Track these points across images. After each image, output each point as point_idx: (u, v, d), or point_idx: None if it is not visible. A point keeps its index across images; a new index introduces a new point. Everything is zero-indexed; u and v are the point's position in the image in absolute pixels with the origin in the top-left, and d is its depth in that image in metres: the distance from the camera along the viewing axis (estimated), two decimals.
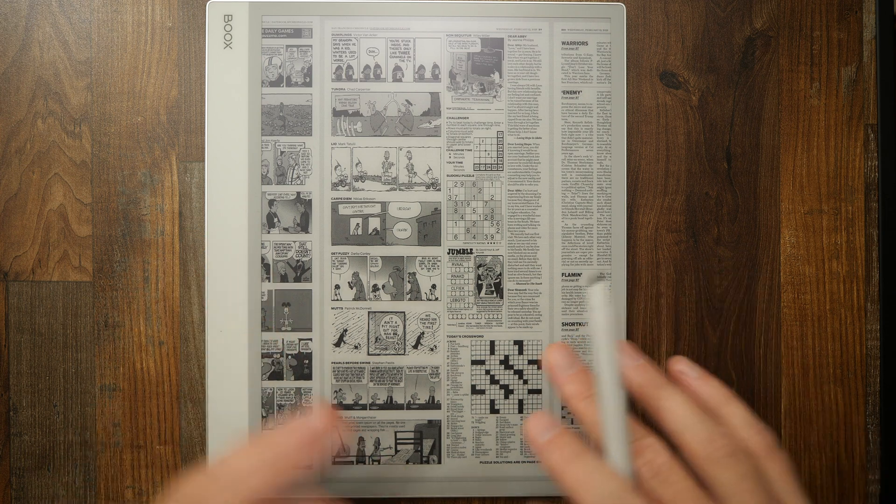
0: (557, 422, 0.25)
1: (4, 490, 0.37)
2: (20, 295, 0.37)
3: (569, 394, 0.26)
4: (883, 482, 0.38)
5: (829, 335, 0.38)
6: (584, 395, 0.26)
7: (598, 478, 0.23)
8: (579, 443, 0.24)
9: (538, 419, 0.25)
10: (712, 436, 0.24)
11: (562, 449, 0.24)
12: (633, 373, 0.26)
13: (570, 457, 0.24)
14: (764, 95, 0.38)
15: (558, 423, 0.25)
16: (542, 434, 0.25)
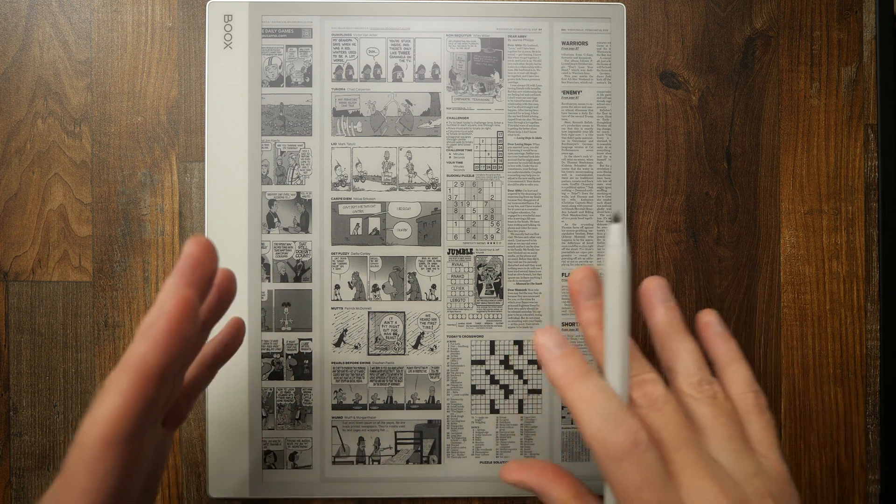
0: (566, 340, 0.26)
1: (4, 490, 0.37)
2: (20, 295, 0.37)
3: (585, 320, 0.28)
4: (883, 482, 0.38)
5: (829, 335, 0.38)
6: (598, 324, 0.27)
7: (600, 397, 0.25)
8: (586, 363, 0.26)
9: (549, 333, 0.26)
10: (702, 382, 0.27)
11: (569, 365, 0.26)
12: (660, 310, 0.28)
13: (577, 374, 0.25)
14: (764, 95, 0.38)
15: (567, 342, 0.26)
16: (552, 348, 0.26)
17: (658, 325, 0.28)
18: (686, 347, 0.28)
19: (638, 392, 0.26)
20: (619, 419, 0.24)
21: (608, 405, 0.24)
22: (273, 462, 0.36)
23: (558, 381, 0.26)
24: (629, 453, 0.24)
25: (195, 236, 0.25)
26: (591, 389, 0.25)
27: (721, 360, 0.29)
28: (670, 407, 0.26)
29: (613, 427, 0.24)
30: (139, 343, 0.23)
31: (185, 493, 0.37)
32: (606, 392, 0.25)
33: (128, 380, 0.22)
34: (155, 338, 0.22)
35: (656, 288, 0.29)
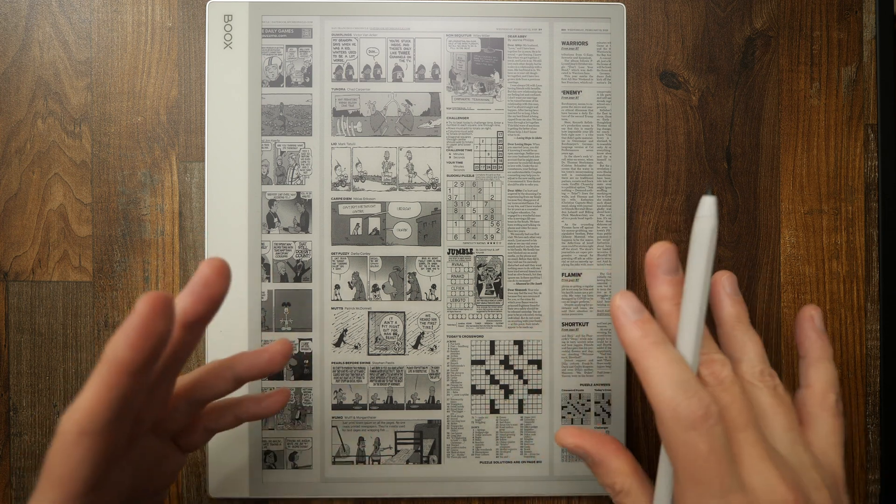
0: (642, 306, 0.27)
1: (4, 490, 0.37)
2: (20, 295, 0.37)
3: (660, 294, 0.28)
4: (883, 482, 0.38)
5: (830, 335, 0.38)
6: (673, 300, 0.28)
7: (675, 365, 0.25)
8: (661, 331, 0.26)
9: (627, 297, 0.27)
10: (763, 373, 0.27)
11: (647, 331, 0.26)
12: (727, 302, 0.29)
13: (653, 341, 0.26)
14: (764, 95, 0.38)
15: (644, 308, 0.27)
16: (630, 313, 0.27)
17: (726, 315, 0.29)
18: (752, 339, 0.28)
19: (706, 370, 0.26)
20: (692, 389, 0.24)
21: (682, 374, 0.25)
22: (273, 462, 0.36)
23: (634, 344, 0.26)
24: (700, 423, 0.24)
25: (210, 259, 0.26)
26: (665, 357, 0.25)
27: (812, 356, 0.29)
28: (737, 388, 0.26)
29: (687, 396, 0.24)
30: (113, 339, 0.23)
31: (185, 493, 0.37)
32: (681, 362, 0.25)
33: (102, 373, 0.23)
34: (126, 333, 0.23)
35: (726, 281, 0.29)
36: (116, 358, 0.23)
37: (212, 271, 0.26)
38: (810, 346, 0.30)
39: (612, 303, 0.27)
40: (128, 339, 0.23)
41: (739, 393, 0.26)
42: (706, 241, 0.26)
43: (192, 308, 0.26)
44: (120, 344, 0.23)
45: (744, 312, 0.29)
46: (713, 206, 0.26)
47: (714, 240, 0.26)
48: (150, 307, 0.23)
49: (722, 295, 0.29)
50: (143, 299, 0.23)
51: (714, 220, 0.26)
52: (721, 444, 0.24)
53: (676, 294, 0.28)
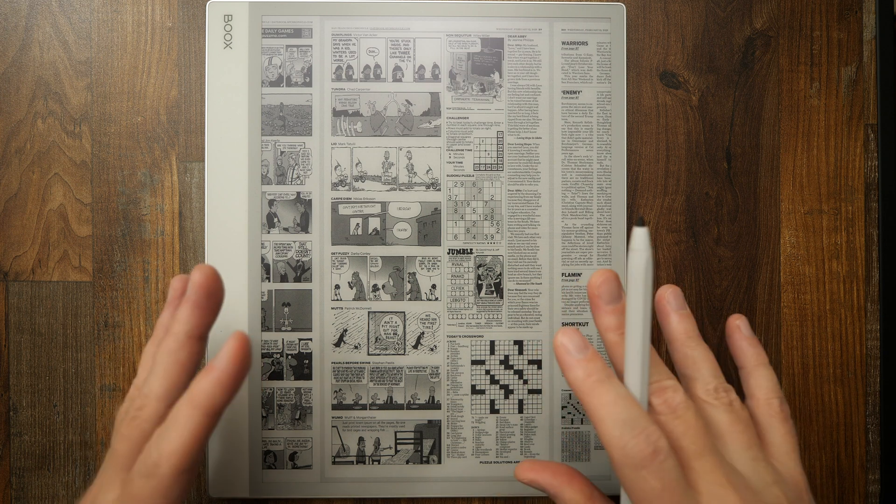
0: (587, 342, 0.26)
1: (4, 490, 0.37)
2: (20, 295, 0.37)
3: (604, 325, 0.28)
4: (883, 482, 0.38)
5: (829, 335, 0.38)
6: (618, 330, 0.27)
7: (621, 403, 0.24)
8: (607, 367, 0.26)
9: (570, 335, 0.26)
10: (718, 389, 0.27)
11: (590, 370, 0.25)
12: (674, 318, 0.29)
13: (598, 379, 0.25)
14: (764, 95, 0.38)
15: (588, 344, 0.26)
16: (574, 351, 0.26)
17: (673, 332, 0.28)
18: (701, 355, 0.28)
19: (658, 399, 0.26)
20: (639, 426, 0.24)
21: (629, 412, 0.24)
22: (273, 462, 0.36)
23: (579, 385, 0.25)
24: (649, 461, 0.23)
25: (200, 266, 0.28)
26: (611, 395, 0.25)
27: (748, 365, 0.29)
28: (690, 414, 0.25)
29: (634, 434, 0.24)
30: (205, 382, 0.25)
31: None
32: (627, 398, 0.25)
33: (197, 416, 0.25)
34: (220, 378, 0.25)
35: (671, 296, 0.29)
36: (212, 403, 0.25)
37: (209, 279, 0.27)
38: (744, 356, 0.29)
39: (555, 341, 0.26)
40: (222, 384, 0.25)
41: (693, 418, 0.25)
42: (642, 274, 0.25)
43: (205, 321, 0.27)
44: (215, 389, 0.25)
45: (692, 327, 0.29)
46: (645, 237, 0.25)
47: (650, 270, 0.25)
48: (243, 351, 0.25)
49: (668, 311, 0.29)
50: (236, 344, 0.25)
51: (648, 251, 0.25)
52: (674, 477, 0.24)
53: (621, 324, 0.27)
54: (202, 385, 0.25)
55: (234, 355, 0.26)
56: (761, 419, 0.28)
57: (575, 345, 0.26)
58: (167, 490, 0.25)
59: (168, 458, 0.25)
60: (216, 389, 0.25)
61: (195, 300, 0.27)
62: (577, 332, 0.26)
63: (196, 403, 0.25)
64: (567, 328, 0.26)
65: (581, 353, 0.26)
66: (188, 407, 0.25)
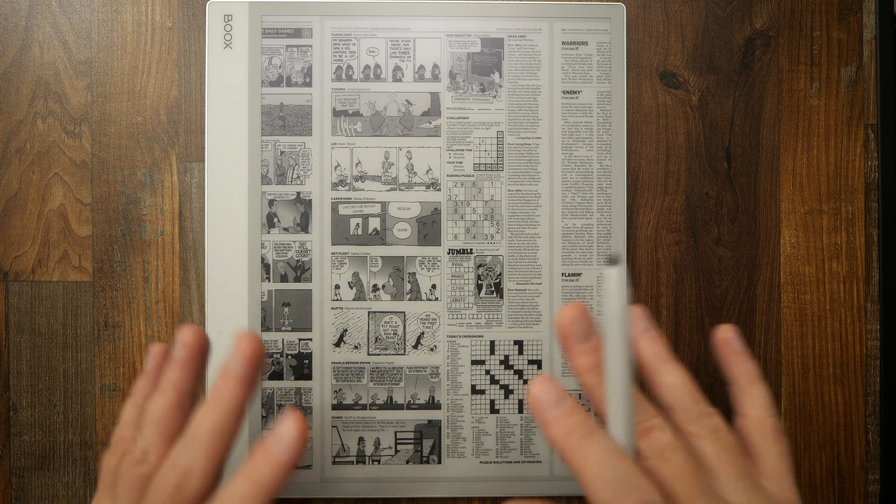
0: (564, 392, 0.24)
1: (4, 490, 0.37)
2: (20, 295, 0.37)
3: (579, 367, 0.26)
4: (883, 482, 0.38)
5: (829, 335, 0.38)
6: (594, 370, 0.26)
7: (608, 460, 0.23)
8: (589, 420, 0.24)
9: (545, 387, 0.25)
10: (701, 416, 0.26)
11: (572, 426, 0.24)
12: (643, 342, 0.27)
13: (581, 435, 0.24)
14: (764, 95, 0.38)
15: (566, 394, 0.24)
16: (551, 408, 0.24)
17: (643, 357, 0.27)
18: (677, 380, 0.26)
19: (644, 442, 0.25)
20: (630, 485, 0.23)
21: (618, 469, 0.23)
22: None
23: (561, 444, 0.24)
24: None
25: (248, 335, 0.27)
26: (598, 453, 0.23)
27: (740, 381, 0.28)
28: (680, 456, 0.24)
29: (625, 494, 0.23)
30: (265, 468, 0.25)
31: None
32: (614, 454, 0.23)
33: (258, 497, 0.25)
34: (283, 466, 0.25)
35: (635, 319, 0.27)
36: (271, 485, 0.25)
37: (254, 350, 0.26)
38: (735, 372, 0.28)
39: (529, 393, 0.25)
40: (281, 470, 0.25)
41: (683, 460, 0.24)
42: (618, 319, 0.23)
43: None
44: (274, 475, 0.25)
45: (663, 349, 0.27)
46: (620, 279, 0.23)
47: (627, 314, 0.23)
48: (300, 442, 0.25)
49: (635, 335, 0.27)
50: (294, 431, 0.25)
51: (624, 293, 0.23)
52: None
53: (597, 363, 0.26)
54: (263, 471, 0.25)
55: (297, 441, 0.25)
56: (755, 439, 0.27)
57: (551, 397, 0.24)
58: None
59: None
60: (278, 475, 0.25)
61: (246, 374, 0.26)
62: (552, 381, 0.25)
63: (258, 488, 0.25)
64: (540, 378, 0.25)
65: (558, 407, 0.24)
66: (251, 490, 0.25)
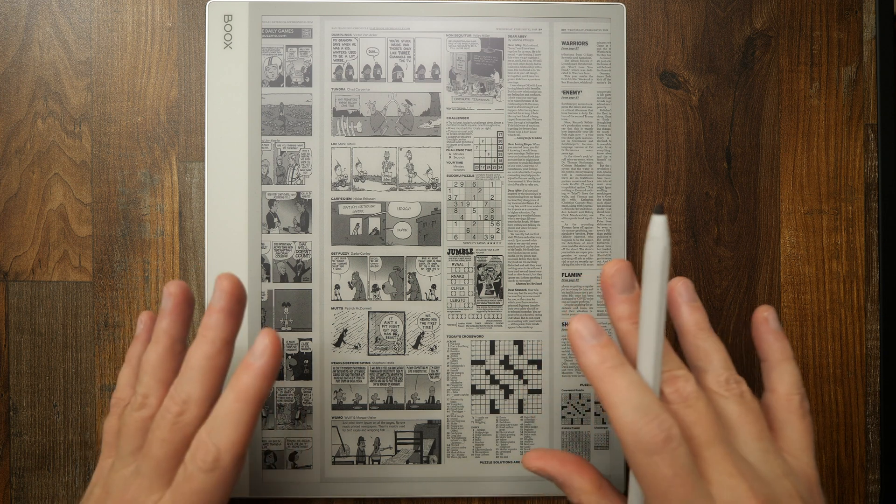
0: (601, 329, 0.26)
1: (4, 490, 0.37)
2: (20, 295, 0.37)
3: (617, 314, 0.28)
4: (883, 482, 0.38)
5: (829, 335, 0.38)
6: (631, 319, 0.27)
7: (634, 389, 0.25)
8: (621, 355, 0.26)
9: (585, 321, 0.26)
10: (729, 380, 0.27)
11: (605, 356, 0.25)
12: (686, 309, 0.28)
13: (612, 365, 0.25)
14: (764, 95, 0.38)
15: (602, 331, 0.26)
16: (588, 337, 0.26)
17: (685, 324, 0.28)
18: (713, 346, 0.28)
19: (669, 388, 0.26)
20: (652, 412, 0.24)
21: (642, 398, 0.24)
22: (273, 462, 0.36)
23: (593, 370, 0.25)
24: (662, 447, 0.24)
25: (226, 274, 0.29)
26: (625, 381, 0.25)
27: (772, 358, 0.29)
28: (702, 403, 0.26)
29: (647, 420, 0.24)
30: (248, 377, 0.27)
31: None
32: (640, 385, 0.25)
33: (248, 408, 0.27)
34: (262, 371, 0.27)
35: (682, 288, 0.29)
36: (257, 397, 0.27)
37: (236, 286, 0.28)
38: (769, 349, 0.29)
39: (570, 327, 0.26)
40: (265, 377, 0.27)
41: (705, 408, 0.25)
42: (658, 262, 0.25)
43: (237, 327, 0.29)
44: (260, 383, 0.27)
45: (704, 319, 0.29)
46: (664, 225, 0.25)
47: (667, 259, 0.25)
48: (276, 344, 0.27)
49: (679, 303, 0.29)
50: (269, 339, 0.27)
51: (665, 240, 0.25)
52: (685, 464, 0.24)
53: (634, 313, 0.27)
54: (246, 380, 0.27)
55: (271, 349, 0.27)
56: (780, 414, 0.28)
57: (589, 330, 0.26)
58: (230, 479, 0.26)
59: (228, 450, 0.26)
60: (260, 382, 0.27)
61: (228, 307, 0.28)
62: (592, 318, 0.26)
63: (244, 398, 0.26)
64: (581, 315, 0.26)
65: (595, 338, 0.26)
66: (238, 402, 0.26)
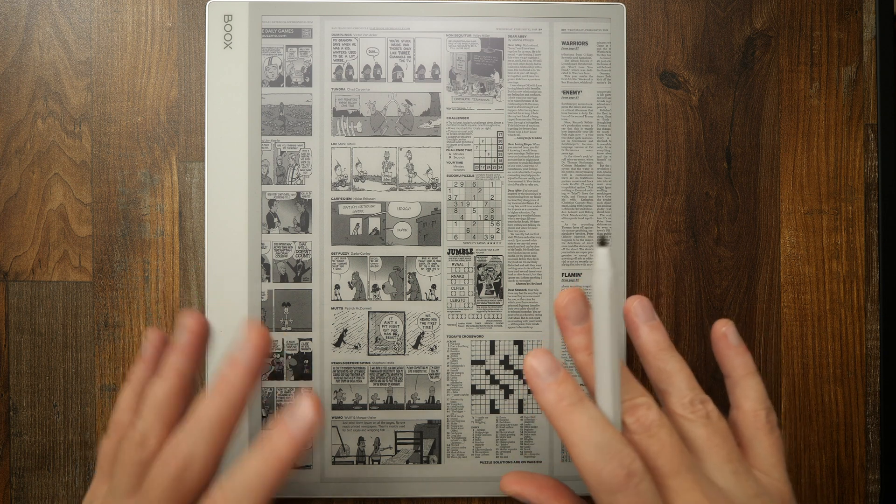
0: (558, 363, 0.26)
1: (4, 490, 0.37)
2: (20, 295, 0.37)
3: (573, 346, 0.27)
4: (883, 482, 0.38)
5: (829, 335, 0.38)
6: (588, 350, 0.27)
7: (594, 427, 0.24)
8: (580, 390, 0.25)
9: (540, 358, 0.26)
10: (694, 401, 0.27)
11: (562, 393, 0.25)
12: (645, 330, 0.28)
13: (570, 402, 0.25)
14: (764, 95, 0.38)
15: (560, 365, 0.26)
16: (544, 375, 0.25)
17: (644, 345, 0.28)
18: (675, 367, 0.27)
19: (631, 417, 0.26)
20: (612, 450, 0.24)
21: (602, 435, 0.24)
22: None
23: (551, 410, 0.25)
24: (624, 485, 0.23)
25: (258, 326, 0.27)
26: (584, 419, 0.24)
27: (735, 374, 0.28)
28: (665, 432, 0.25)
29: (607, 459, 0.24)
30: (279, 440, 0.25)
31: None
32: (600, 422, 0.24)
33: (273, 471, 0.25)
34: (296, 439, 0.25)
35: (639, 308, 0.28)
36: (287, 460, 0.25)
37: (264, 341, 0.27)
38: (730, 365, 0.29)
39: (525, 364, 0.26)
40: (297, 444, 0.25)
41: (668, 436, 0.25)
42: (606, 294, 0.25)
43: None
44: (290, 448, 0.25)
45: (664, 338, 0.28)
46: (607, 257, 0.25)
47: (617, 289, 0.25)
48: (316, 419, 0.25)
49: (637, 324, 0.28)
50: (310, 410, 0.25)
51: (611, 271, 0.25)
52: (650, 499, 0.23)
53: (590, 343, 0.27)
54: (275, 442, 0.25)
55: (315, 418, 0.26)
56: (747, 431, 0.28)
57: (546, 367, 0.25)
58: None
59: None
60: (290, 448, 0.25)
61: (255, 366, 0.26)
62: (548, 353, 0.26)
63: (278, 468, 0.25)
64: (537, 350, 0.26)
65: (552, 375, 0.25)
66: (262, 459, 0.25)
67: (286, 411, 0.25)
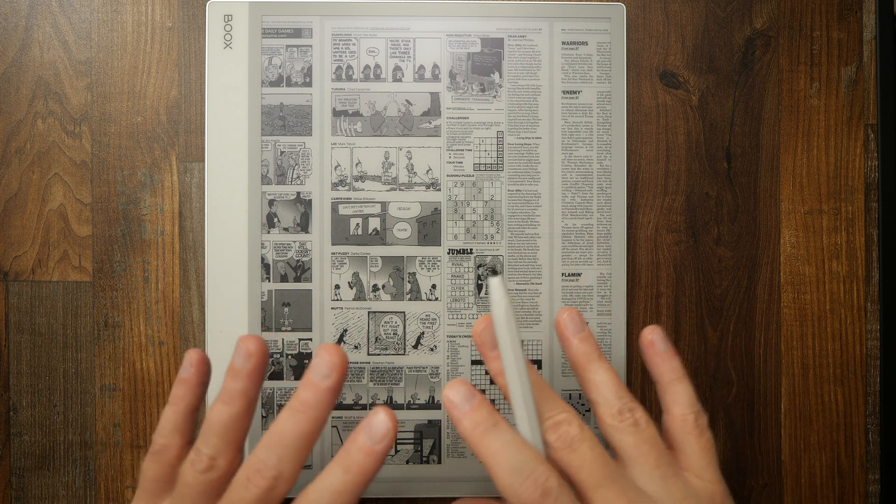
0: (474, 391, 0.26)
1: (4, 490, 0.37)
2: (20, 295, 0.37)
3: (494, 371, 0.28)
4: (883, 482, 0.38)
5: (829, 335, 0.38)
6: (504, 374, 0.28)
7: (509, 449, 0.25)
8: (494, 414, 0.26)
9: (456, 387, 0.26)
10: (622, 410, 0.27)
11: (477, 420, 0.25)
12: (575, 342, 0.29)
13: (485, 428, 0.25)
14: (764, 95, 0.38)
15: (475, 393, 0.26)
16: (460, 404, 0.26)
17: (574, 356, 0.29)
18: (603, 377, 0.28)
19: (553, 435, 0.26)
20: (526, 470, 0.24)
21: (516, 456, 0.24)
22: None
23: (468, 437, 0.25)
24: (541, 502, 0.24)
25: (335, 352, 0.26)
26: (499, 443, 0.25)
27: (663, 380, 0.29)
28: (586, 445, 0.26)
29: (522, 479, 0.24)
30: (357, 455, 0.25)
31: None
32: (514, 444, 0.25)
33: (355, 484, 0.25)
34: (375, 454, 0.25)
35: (568, 321, 0.29)
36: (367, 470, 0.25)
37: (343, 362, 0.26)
38: (658, 371, 0.29)
39: (443, 396, 0.26)
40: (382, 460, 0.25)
41: (589, 450, 0.25)
42: (503, 322, 0.26)
43: None
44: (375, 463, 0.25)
45: (592, 349, 0.28)
46: (500, 287, 0.26)
47: (511, 317, 0.26)
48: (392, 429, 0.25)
49: (567, 336, 0.29)
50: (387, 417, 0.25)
51: (505, 300, 0.26)
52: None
53: None
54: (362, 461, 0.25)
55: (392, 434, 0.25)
56: (678, 435, 0.28)
57: (461, 396, 0.26)
58: None
59: None
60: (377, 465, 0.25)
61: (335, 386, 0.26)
62: (464, 382, 0.26)
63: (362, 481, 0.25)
64: (453, 381, 0.26)
65: (468, 402, 0.26)
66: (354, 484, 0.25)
67: (362, 424, 0.25)
